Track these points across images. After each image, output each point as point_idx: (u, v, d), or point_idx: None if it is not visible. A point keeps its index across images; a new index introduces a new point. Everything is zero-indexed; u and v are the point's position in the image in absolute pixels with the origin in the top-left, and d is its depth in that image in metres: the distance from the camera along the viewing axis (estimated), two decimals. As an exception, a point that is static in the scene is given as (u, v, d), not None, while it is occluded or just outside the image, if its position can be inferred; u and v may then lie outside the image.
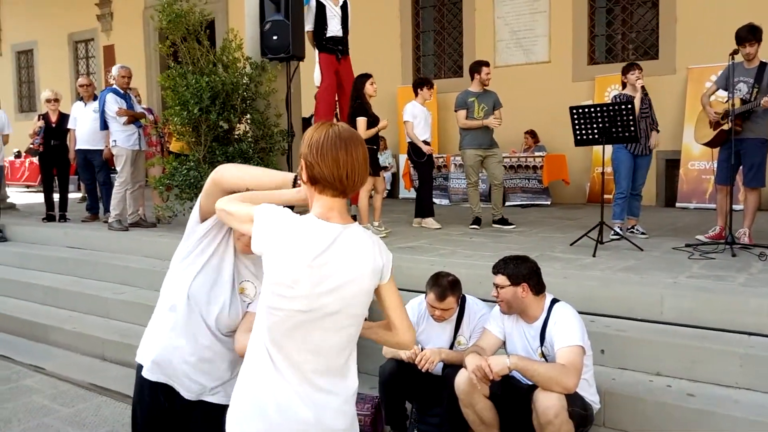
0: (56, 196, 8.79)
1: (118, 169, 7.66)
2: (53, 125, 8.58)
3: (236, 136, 6.67)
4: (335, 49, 7.11)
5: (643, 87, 6.17)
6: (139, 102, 8.40)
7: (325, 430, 1.86)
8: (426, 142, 7.12)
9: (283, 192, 2.06)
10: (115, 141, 7.57)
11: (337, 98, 7.42)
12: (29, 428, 4.16)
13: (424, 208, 7.35)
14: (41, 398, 4.67)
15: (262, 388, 1.85)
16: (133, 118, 7.66)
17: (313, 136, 1.84)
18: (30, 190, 14.79)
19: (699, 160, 8.90)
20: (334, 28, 7.09)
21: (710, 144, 5.96)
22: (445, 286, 3.47)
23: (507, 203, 9.40)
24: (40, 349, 5.71)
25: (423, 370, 3.38)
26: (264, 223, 1.84)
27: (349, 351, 1.93)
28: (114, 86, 7.79)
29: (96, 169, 8.34)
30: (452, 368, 3.36)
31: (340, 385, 1.90)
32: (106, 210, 8.31)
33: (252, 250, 1.89)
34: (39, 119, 8.67)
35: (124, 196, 7.66)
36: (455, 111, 7.20)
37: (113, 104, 7.56)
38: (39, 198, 10.17)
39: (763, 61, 5.61)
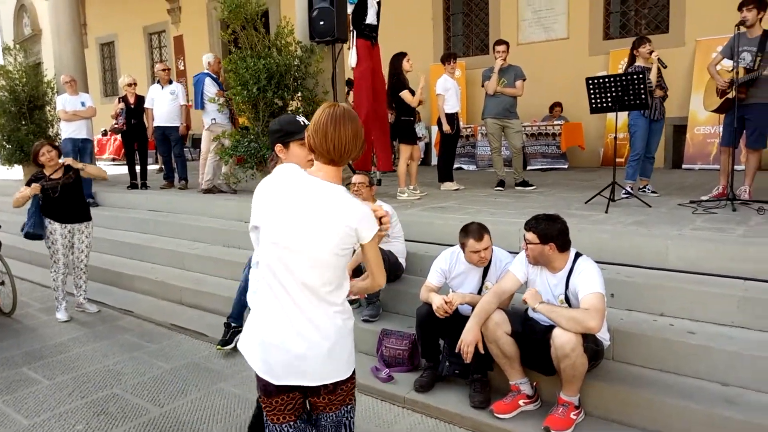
0: (137, 168, 9.03)
1: (210, 143, 7.65)
2: (132, 106, 8.69)
3: (289, 112, 6.71)
4: (371, 36, 7.02)
5: (659, 58, 5.97)
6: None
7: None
8: (455, 114, 7.05)
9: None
10: (214, 119, 7.59)
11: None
12: (123, 360, 4.37)
13: (443, 173, 7.34)
14: (132, 336, 4.90)
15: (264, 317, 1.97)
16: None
17: (316, 113, 1.95)
18: (115, 163, 15.13)
19: (704, 125, 8.61)
20: (371, 17, 6.96)
21: (718, 110, 5.76)
22: (477, 227, 3.50)
23: (528, 167, 9.28)
24: (128, 296, 5.95)
25: (447, 313, 3.44)
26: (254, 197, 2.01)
27: (330, 288, 1.93)
28: (208, 71, 7.76)
29: (172, 143, 8.46)
30: (478, 309, 3.38)
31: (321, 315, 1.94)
32: (181, 178, 8.49)
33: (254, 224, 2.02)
34: (119, 102, 8.78)
35: (218, 165, 7.70)
36: (481, 86, 7.09)
37: (212, 87, 7.61)
38: (123, 169, 10.43)
39: (766, 29, 5.34)
